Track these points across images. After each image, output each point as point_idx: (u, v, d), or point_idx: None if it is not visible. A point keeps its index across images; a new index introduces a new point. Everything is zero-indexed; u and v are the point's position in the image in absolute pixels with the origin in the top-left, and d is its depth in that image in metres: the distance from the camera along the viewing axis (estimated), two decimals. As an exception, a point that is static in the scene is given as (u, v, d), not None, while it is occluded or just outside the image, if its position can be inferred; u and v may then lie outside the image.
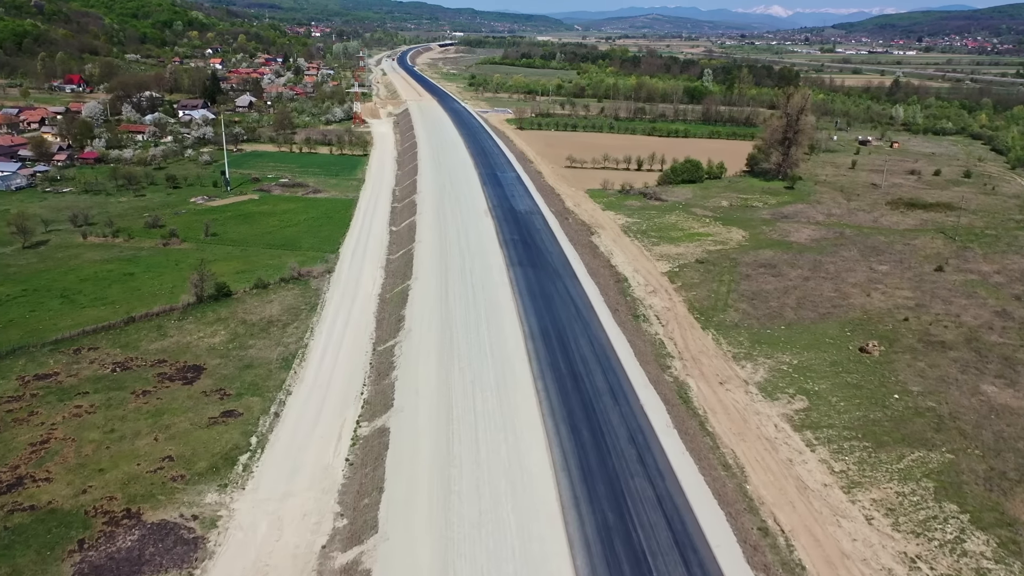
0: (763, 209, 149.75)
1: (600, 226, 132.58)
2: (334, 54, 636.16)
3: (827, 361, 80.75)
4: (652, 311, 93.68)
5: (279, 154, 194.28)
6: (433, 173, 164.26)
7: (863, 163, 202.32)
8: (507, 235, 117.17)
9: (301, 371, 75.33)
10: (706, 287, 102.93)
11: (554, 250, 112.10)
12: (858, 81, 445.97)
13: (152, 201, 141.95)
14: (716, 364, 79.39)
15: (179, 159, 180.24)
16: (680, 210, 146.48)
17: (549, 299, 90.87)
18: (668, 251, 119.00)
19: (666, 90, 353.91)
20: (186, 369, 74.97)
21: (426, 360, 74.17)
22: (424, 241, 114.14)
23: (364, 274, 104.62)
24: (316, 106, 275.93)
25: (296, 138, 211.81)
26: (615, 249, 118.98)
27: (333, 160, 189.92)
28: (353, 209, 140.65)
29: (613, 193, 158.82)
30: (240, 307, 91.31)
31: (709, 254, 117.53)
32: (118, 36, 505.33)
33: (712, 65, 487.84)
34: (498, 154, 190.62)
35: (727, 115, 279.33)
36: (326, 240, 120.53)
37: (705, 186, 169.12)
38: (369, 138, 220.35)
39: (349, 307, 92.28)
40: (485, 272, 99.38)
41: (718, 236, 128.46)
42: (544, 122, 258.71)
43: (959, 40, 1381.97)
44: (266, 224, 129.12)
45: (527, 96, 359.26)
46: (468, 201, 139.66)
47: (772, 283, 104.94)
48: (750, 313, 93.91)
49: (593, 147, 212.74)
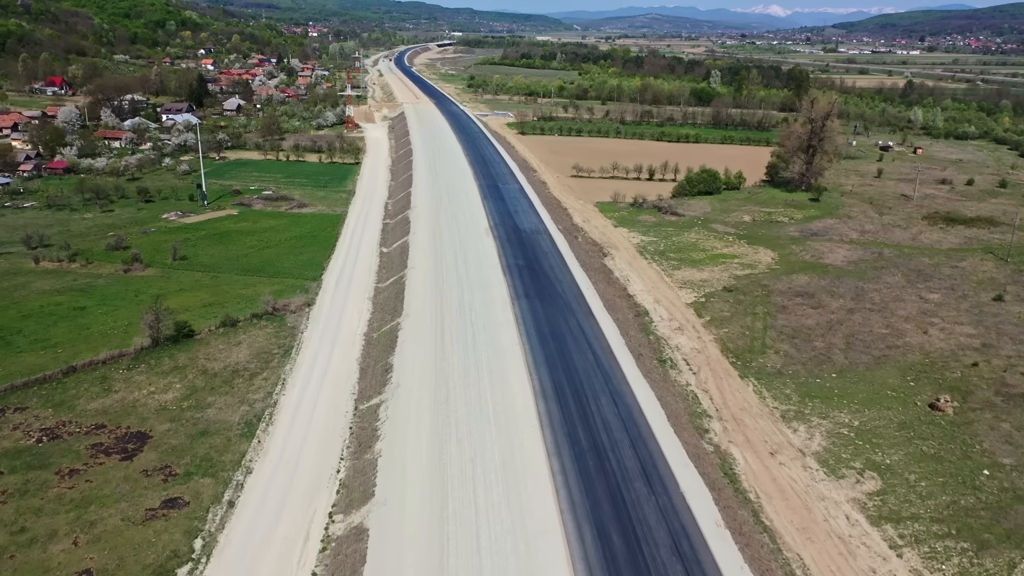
0: (789, 225, 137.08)
1: (613, 246, 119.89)
2: (330, 54, 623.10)
3: (894, 422, 68.08)
4: (680, 354, 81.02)
5: (265, 162, 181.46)
6: (429, 185, 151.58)
7: (888, 171, 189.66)
8: (511, 259, 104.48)
9: (266, 439, 62.58)
10: (738, 322, 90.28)
11: (564, 277, 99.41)
12: (869, 82, 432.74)
13: (120, 217, 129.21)
14: (763, 426, 66.70)
15: (156, 169, 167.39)
16: (699, 227, 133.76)
17: (562, 342, 78.18)
18: (691, 277, 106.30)
19: (672, 92, 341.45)
20: (127, 438, 62.17)
21: (416, 427, 61.48)
22: (418, 267, 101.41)
23: (349, 307, 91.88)
24: (308, 109, 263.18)
25: (284, 144, 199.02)
26: (632, 274, 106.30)
27: (322, 169, 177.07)
28: (340, 226, 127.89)
29: (625, 206, 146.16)
30: (203, 351, 78.60)
31: (737, 280, 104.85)
32: (107, 36, 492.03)
33: (718, 66, 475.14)
34: (499, 162, 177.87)
35: (738, 118, 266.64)
36: (308, 264, 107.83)
37: (724, 198, 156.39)
38: (362, 144, 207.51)
39: (329, 351, 79.57)
40: (487, 307, 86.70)
41: (745, 258, 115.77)
42: (547, 126, 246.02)
43: (961, 40, 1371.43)
44: (243, 245, 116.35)
45: (528, 98, 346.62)
46: (467, 218, 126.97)
47: (813, 317, 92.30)
48: (793, 356, 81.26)
49: (600, 154, 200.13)
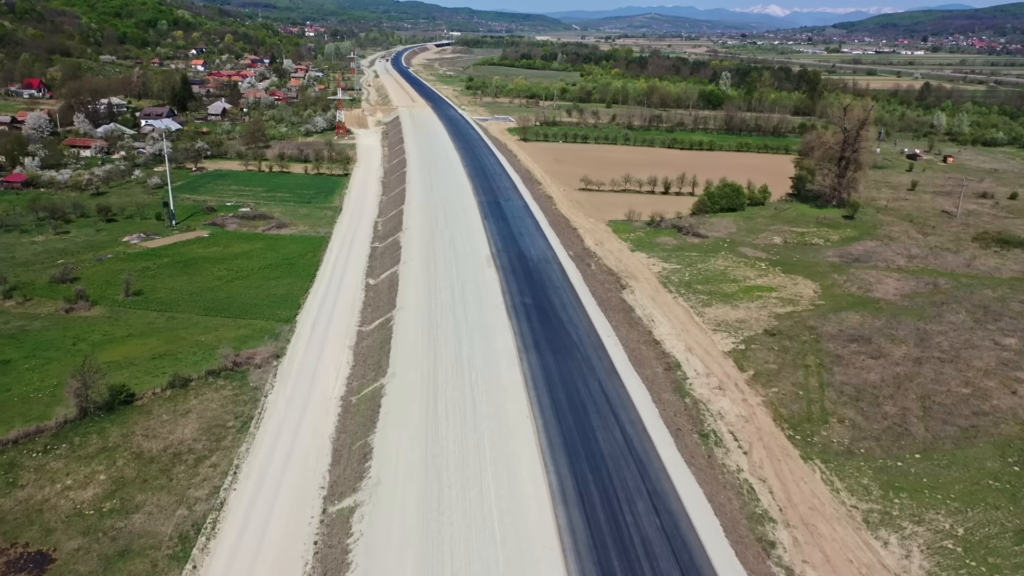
0: (826, 248, 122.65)
1: (632, 276, 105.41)
2: (325, 55, 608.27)
3: (1008, 530, 53.67)
4: (725, 424, 66.60)
5: (245, 174, 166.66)
6: (424, 201, 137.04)
7: (922, 183, 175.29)
8: (516, 296, 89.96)
9: (204, 564, 48.12)
10: (788, 377, 75.87)
11: (579, 320, 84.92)
12: (883, 83, 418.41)
13: (75, 241, 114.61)
14: (842, 536, 52.28)
15: (124, 182, 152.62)
16: (726, 250, 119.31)
17: (582, 414, 63.73)
18: (725, 316, 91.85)
19: (680, 94, 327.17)
20: (20, 563, 47.69)
21: (399, 551, 46.99)
22: (408, 306, 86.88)
23: (325, 359, 77.35)
24: (297, 114, 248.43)
25: (269, 153, 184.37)
26: (656, 313, 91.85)
27: (308, 182, 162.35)
28: (323, 252, 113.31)
29: (641, 226, 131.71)
30: (141, 423, 64.07)
31: (779, 321, 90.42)
32: (95, 36, 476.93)
33: (725, 67, 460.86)
34: (500, 174, 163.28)
35: (752, 123, 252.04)
36: (282, 300, 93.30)
37: (748, 216, 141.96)
38: (352, 153, 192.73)
39: (297, 422, 65.03)
40: (489, 364, 72.15)
41: (783, 291, 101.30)
42: (550, 132, 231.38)
43: (964, 40, 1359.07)
44: (210, 275, 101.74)
45: (529, 101, 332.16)
46: (466, 242, 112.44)
47: (875, 369, 77.89)
48: (862, 427, 66.85)
49: (609, 163, 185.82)
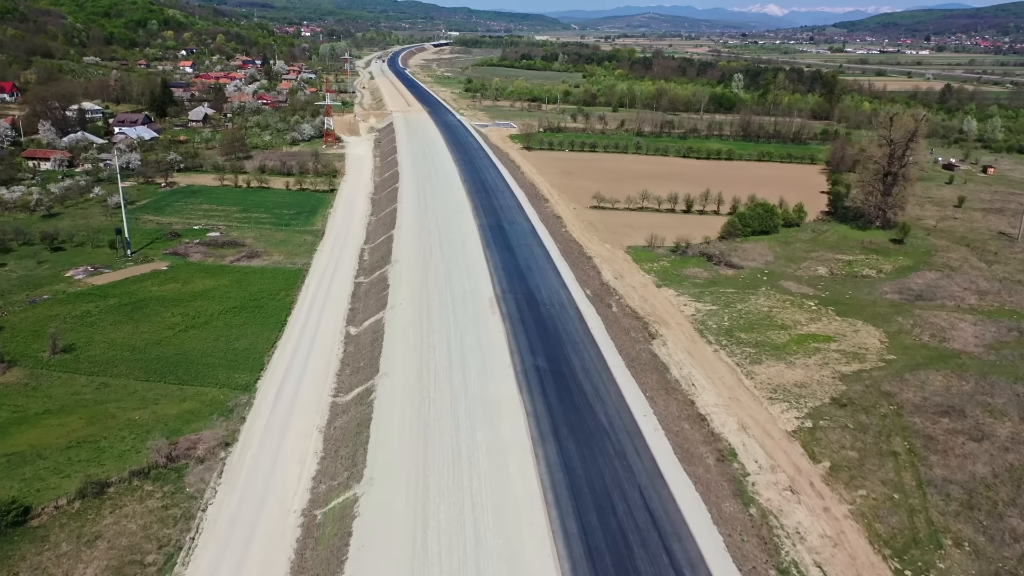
0: (880, 282, 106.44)
1: (662, 320, 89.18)
2: (320, 55, 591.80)
3: None
4: (807, 550, 50.39)
5: (220, 191, 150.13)
6: (417, 224, 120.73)
7: (968, 198, 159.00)
8: (527, 357, 73.56)
9: None
10: (875, 472, 59.65)
11: (606, 389, 68.61)
12: (899, 85, 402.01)
13: (9, 277, 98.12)
14: None
15: (82, 201, 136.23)
16: (766, 285, 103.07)
17: (622, 552, 47.37)
18: (780, 377, 75.65)
19: (689, 97, 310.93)
20: None
21: None
22: (395, 371, 70.56)
23: (286, 449, 60.96)
24: (284, 120, 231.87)
25: (249, 165, 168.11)
26: (696, 373, 75.64)
27: (289, 199, 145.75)
28: (298, 289, 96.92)
29: (665, 253, 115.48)
30: (30, 559, 47.78)
31: (846, 383, 74.23)
32: (80, 37, 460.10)
33: (734, 68, 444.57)
34: (503, 191, 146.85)
35: (771, 129, 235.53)
36: (243, 357, 77.04)
37: (785, 239, 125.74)
38: (340, 165, 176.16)
39: (240, 556, 48.56)
40: (496, 463, 55.76)
41: (843, 340, 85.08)
42: (555, 140, 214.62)
43: (967, 39, 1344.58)
44: (160, 322, 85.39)
45: (531, 105, 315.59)
46: (465, 279, 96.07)
47: (981, 458, 61.71)
48: (987, 554, 50.68)
49: (621, 176, 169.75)
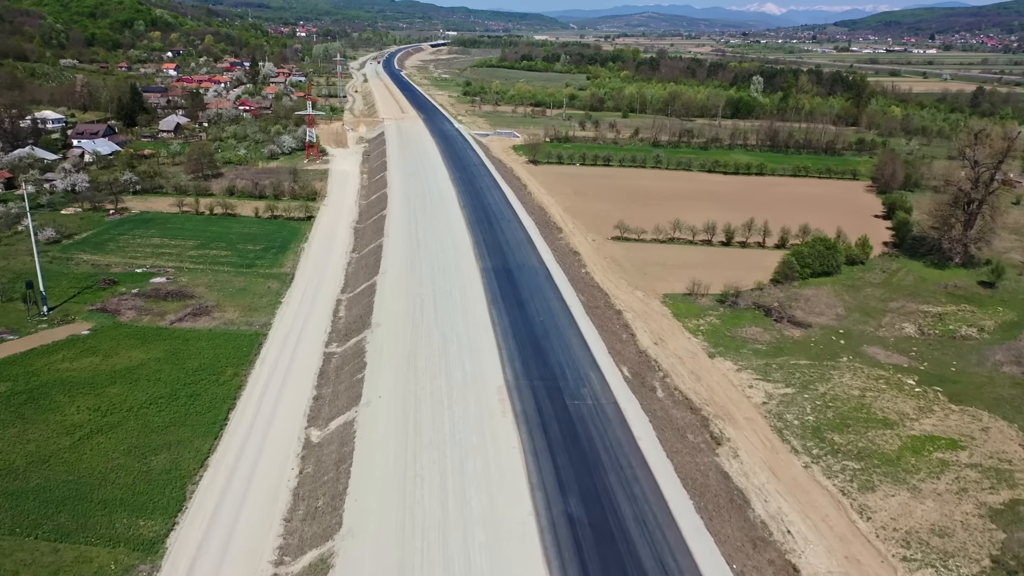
0: (986, 345, 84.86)
1: (725, 413, 67.60)
2: (313, 56, 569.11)
3: None
4: None
5: (178, 218, 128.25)
6: (407, 268, 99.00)
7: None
8: (555, 500, 51.34)
9: None
10: None
11: (672, 555, 47.06)
12: (926, 87, 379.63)
13: None
14: None
15: (9, 235, 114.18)
16: (847, 352, 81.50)
17: None
18: (908, 517, 54.10)
19: (704, 102, 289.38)
20: None
21: None
22: (363, 530, 48.74)
23: None
24: (264, 130, 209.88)
25: (216, 186, 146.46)
26: (788, 510, 54.08)
27: (256, 230, 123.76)
28: (249, 367, 74.92)
29: (710, 304, 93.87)
30: None
31: (1001, 524, 52.76)
32: (59, 38, 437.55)
33: (746, 70, 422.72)
34: (509, 219, 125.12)
35: (801, 138, 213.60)
36: (158, 486, 55.25)
37: (851, 283, 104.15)
38: (322, 185, 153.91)
39: None
40: None
41: (972, 445, 63.50)
42: (564, 152, 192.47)
43: (972, 38, 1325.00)
44: (59, 422, 63.56)
45: (534, 110, 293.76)
46: (466, 355, 74.21)
47: None
48: None
49: (642, 196, 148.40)
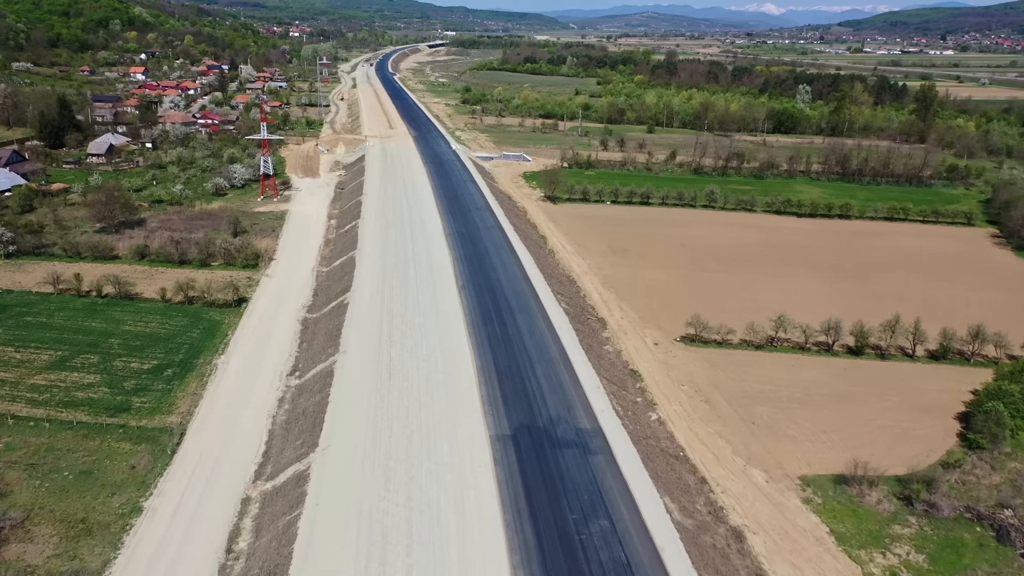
0: None
1: None
2: (301, 58, 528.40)
3: None
4: None
5: (48, 303, 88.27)
6: (370, 437, 59.13)
7: None
8: None
9: None
10: None
11: None
12: (987, 94, 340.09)
13: None
14: None
15: None
16: None
17: None
18: None
19: (742, 114, 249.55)
20: None
21: None
22: None
23: None
24: (216, 154, 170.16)
25: (125, 244, 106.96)
26: None
27: (155, 327, 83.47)
28: None
29: (884, 498, 54.15)
30: None
31: None
32: (16, 39, 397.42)
33: (777, 75, 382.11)
34: (527, 309, 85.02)
35: (880, 164, 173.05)
36: None
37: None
38: (271, 242, 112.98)
39: None
40: None
41: None
42: (590, 185, 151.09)
43: (983, 38, 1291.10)
44: None
45: (544, 123, 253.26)
46: None
47: None
48: None
49: (707, 256, 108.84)
